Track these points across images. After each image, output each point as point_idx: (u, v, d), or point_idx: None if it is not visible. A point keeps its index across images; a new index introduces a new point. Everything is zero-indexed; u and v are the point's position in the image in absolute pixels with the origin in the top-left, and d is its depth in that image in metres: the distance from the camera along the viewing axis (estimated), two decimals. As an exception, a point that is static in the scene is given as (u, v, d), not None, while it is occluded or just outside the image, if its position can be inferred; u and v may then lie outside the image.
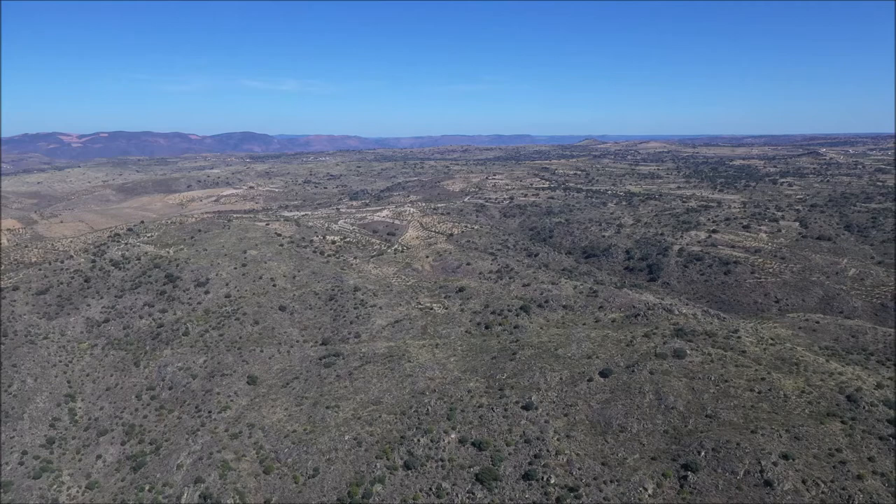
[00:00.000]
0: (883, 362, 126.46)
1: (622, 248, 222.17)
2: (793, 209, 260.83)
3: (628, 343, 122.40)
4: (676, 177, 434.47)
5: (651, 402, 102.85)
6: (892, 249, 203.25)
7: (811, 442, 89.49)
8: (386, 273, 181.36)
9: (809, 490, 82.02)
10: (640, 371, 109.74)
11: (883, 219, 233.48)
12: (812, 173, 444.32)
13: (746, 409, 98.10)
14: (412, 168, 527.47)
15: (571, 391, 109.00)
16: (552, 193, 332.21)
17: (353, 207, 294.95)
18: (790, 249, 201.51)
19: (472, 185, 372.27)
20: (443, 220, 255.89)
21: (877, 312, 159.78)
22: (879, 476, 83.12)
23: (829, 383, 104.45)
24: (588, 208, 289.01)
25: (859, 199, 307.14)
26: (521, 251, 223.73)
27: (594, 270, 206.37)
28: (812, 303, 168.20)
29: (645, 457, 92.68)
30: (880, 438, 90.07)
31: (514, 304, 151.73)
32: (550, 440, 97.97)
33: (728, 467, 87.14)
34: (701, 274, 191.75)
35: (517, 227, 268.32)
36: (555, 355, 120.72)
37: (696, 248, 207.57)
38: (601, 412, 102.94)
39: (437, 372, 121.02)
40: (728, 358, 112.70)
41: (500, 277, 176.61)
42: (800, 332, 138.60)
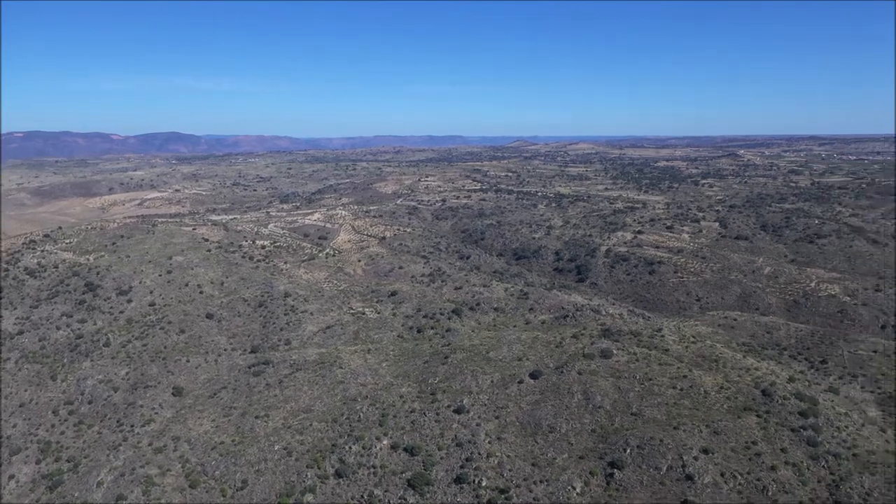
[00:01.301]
0: (795, 356, 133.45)
1: (552, 249, 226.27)
2: (713, 210, 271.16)
3: (557, 344, 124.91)
4: (604, 178, 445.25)
5: (579, 402, 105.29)
6: (804, 248, 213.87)
7: (729, 436, 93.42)
8: (317, 278, 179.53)
9: (728, 482, 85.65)
10: (569, 372, 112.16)
11: (796, 218, 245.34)
12: (731, 174, 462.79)
13: (669, 406, 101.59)
14: (344, 170, 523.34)
15: (503, 393, 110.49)
16: (484, 195, 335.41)
17: (284, 210, 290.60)
18: (710, 249, 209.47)
19: (404, 186, 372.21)
20: (375, 223, 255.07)
21: (789, 309, 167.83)
22: (791, 466, 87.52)
23: (746, 379, 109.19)
24: (519, 210, 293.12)
25: (774, 199, 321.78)
26: (454, 254, 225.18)
27: (525, 272, 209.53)
28: (731, 300, 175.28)
29: (573, 456, 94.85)
30: (792, 430, 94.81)
31: (446, 308, 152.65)
32: (482, 443, 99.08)
33: (652, 463, 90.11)
34: (627, 274, 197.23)
35: (449, 229, 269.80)
36: (486, 358, 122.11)
37: (623, 248, 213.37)
38: (531, 413, 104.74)
39: (370, 378, 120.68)
40: (652, 357, 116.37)
41: (432, 281, 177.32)
42: (719, 329, 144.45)
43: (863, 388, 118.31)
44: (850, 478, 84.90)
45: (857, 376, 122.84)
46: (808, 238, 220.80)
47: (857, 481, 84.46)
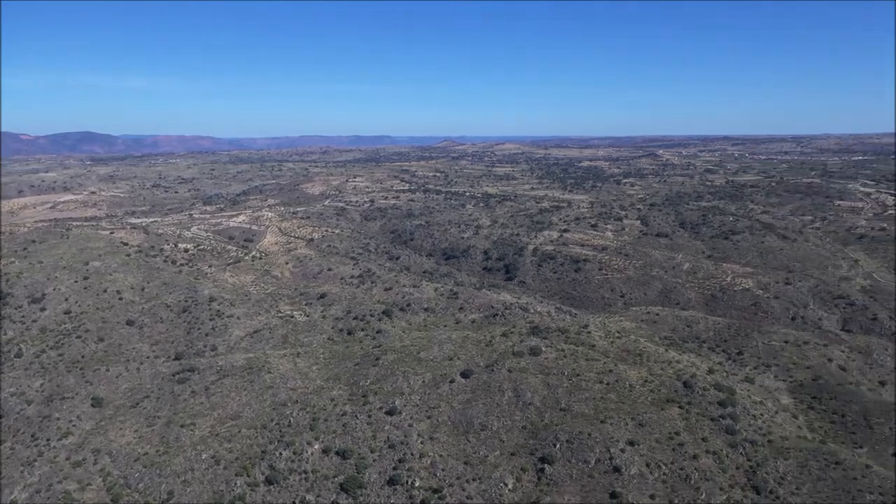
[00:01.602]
0: (713, 349, 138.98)
1: (481, 248, 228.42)
2: (635, 208, 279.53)
3: (488, 343, 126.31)
4: (530, 178, 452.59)
5: (510, 399, 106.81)
6: (720, 244, 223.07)
7: (654, 427, 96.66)
8: (244, 281, 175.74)
9: (653, 472, 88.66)
10: (500, 370, 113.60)
11: (712, 216, 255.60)
12: (651, 174, 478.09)
13: (597, 401, 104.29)
14: (270, 170, 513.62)
15: (434, 393, 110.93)
16: (412, 195, 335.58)
17: (208, 213, 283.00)
18: (633, 246, 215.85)
19: (332, 187, 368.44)
20: (303, 225, 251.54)
21: (707, 303, 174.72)
22: (712, 454, 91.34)
23: (669, 371, 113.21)
24: (447, 210, 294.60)
25: (692, 197, 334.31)
26: (383, 254, 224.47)
27: (454, 272, 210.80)
28: (653, 296, 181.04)
29: (505, 453, 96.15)
30: (712, 420, 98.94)
31: (376, 309, 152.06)
32: (414, 443, 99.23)
33: (581, 457, 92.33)
34: (554, 272, 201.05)
35: (378, 230, 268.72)
36: (417, 358, 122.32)
37: (550, 247, 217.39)
38: (463, 412, 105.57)
39: (299, 382, 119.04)
40: (580, 353, 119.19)
41: (362, 282, 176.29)
42: (642, 324, 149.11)
43: (776, 377, 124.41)
44: (766, 463, 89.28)
45: (770, 366, 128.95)
46: (723, 235, 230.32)
47: (773, 466, 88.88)
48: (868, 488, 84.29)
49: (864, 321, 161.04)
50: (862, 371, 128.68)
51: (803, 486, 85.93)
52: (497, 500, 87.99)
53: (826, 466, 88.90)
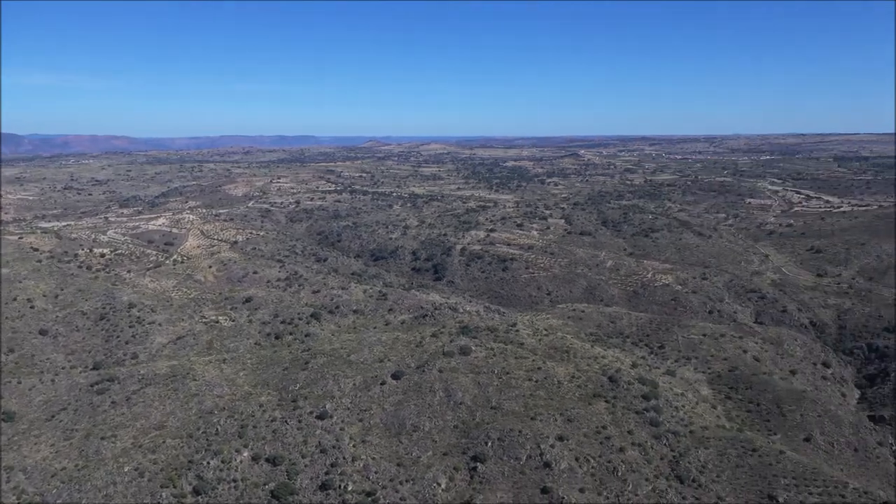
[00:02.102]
0: (637, 343, 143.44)
1: (409, 249, 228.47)
2: (559, 207, 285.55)
3: (418, 344, 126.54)
4: (456, 178, 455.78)
5: (441, 399, 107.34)
6: (641, 242, 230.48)
7: (582, 422, 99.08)
8: (165, 286, 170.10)
9: (582, 466, 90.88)
10: (430, 370, 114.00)
11: (632, 214, 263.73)
12: (574, 173, 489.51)
13: (526, 398, 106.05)
14: (190, 171, 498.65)
15: (365, 396, 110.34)
16: (339, 196, 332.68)
17: (125, 216, 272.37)
18: (558, 245, 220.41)
19: (256, 188, 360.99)
20: (226, 227, 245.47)
21: (630, 299, 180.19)
22: (637, 447, 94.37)
23: (595, 367, 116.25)
24: (375, 211, 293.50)
25: (613, 196, 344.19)
26: (310, 257, 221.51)
27: (383, 273, 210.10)
28: (578, 293, 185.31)
29: (437, 453, 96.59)
30: (637, 413, 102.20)
31: (304, 312, 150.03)
32: (346, 447, 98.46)
33: (512, 454, 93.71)
34: (482, 271, 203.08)
35: (305, 231, 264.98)
36: (347, 361, 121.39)
37: (477, 246, 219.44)
38: (395, 414, 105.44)
39: (226, 388, 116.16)
40: (509, 351, 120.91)
41: (289, 285, 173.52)
42: (569, 321, 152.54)
43: (695, 369, 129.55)
44: (688, 453, 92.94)
45: (690, 358, 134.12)
46: (643, 232, 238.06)
47: (694, 456, 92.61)
48: (782, 473, 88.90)
49: (775, 313, 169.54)
50: (774, 361, 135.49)
51: (723, 474, 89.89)
52: (430, 501, 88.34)
53: (743, 454, 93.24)
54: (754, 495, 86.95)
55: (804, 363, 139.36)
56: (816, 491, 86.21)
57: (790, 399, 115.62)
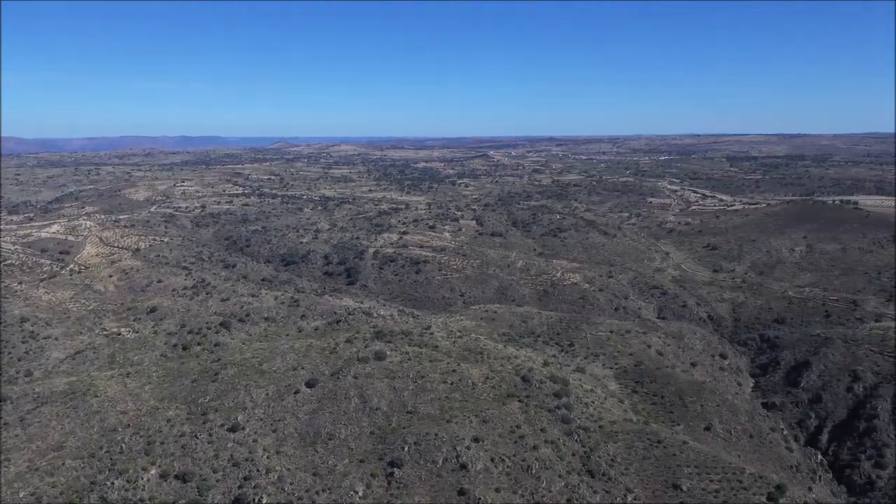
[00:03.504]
0: (547, 342, 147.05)
1: (321, 253, 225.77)
2: (470, 209, 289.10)
3: (332, 350, 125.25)
4: (368, 180, 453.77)
5: (357, 406, 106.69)
6: (550, 241, 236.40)
7: (496, 423, 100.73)
8: (61, 298, 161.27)
9: (497, 466, 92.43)
10: (345, 377, 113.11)
11: (541, 215, 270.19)
12: (484, 174, 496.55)
13: (442, 401, 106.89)
14: (86, 175, 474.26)
15: (279, 406, 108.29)
16: (247, 200, 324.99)
17: (14, 223, 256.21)
18: (470, 246, 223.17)
19: (158, 192, 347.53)
20: (127, 234, 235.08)
21: (540, 298, 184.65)
22: (550, 444, 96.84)
23: (508, 367, 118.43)
24: (285, 214, 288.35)
25: (522, 197, 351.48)
26: (218, 263, 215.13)
27: (295, 278, 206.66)
28: (490, 294, 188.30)
29: (354, 460, 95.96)
30: (549, 411, 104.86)
31: (213, 321, 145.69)
32: (260, 459, 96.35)
33: (429, 458, 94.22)
34: (395, 274, 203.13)
35: (211, 237, 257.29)
36: (260, 371, 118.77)
37: (390, 249, 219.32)
38: (310, 423, 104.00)
39: (131, 404, 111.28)
40: (424, 354, 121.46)
41: (196, 293, 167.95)
42: (482, 322, 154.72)
43: (603, 365, 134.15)
44: (599, 448, 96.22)
45: (598, 355, 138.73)
46: (552, 232, 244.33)
47: (604, 450, 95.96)
48: (685, 462, 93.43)
49: (676, 308, 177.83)
50: (676, 354, 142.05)
51: (631, 466, 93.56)
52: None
53: (650, 446, 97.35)
54: (660, 485, 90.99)
55: (703, 355, 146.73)
56: (717, 478, 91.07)
57: (691, 390, 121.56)
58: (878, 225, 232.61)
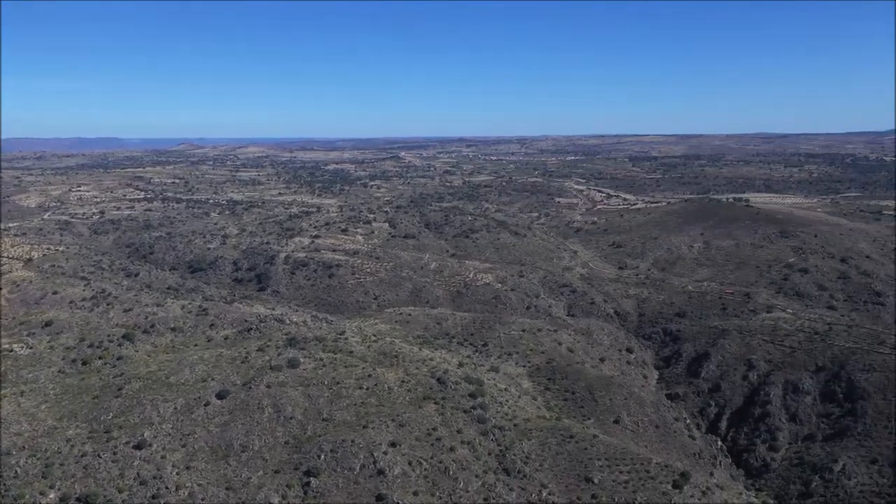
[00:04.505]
0: (462, 343, 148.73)
1: (229, 259, 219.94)
2: (382, 211, 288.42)
3: (243, 360, 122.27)
4: (277, 182, 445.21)
5: (270, 415, 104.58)
6: (462, 242, 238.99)
7: (413, 426, 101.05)
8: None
9: (415, 470, 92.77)
10: (258, 387, 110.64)
11: (453, 216, 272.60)
12: (395, 176, 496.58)
13: (358, 407, 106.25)
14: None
15: (188, 419, 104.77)
16: (149, 205, 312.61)
17: None
18: (383, 249, 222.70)
19: (52, 198, 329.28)
20: (17, 243, 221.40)
21: (454, 299, 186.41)
22: (467, 445, 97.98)
23: (423, 370, 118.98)
24: (190, 219, 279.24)
25: (434, 198, 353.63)
26: (119, 272, 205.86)
27: (202, 286, 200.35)
28: (404, 296, 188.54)
29: (269, 472, 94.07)
30: (464, 411, 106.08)
31: (115, 334, 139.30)
32: (169, 476, 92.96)
33: (346, 465, 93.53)
34: (307, 279, 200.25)
35: (112, 244, 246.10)
36: (167, 384, 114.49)
37: (302, 254, 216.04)
38: (221, 435, 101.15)
39: (26, 425, 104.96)
40: (338, 360, 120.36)
41: (96, 304, 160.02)
42: (396, 325, 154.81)
43: (517, 363, 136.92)
44: (514, 446, 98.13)
45: (511, 354, 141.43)
46: (464, 233, 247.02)
47: (519, 448, 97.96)
48: (596, 456, 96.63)
49: (585, 305, 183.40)
50: (585, 350, 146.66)
51: (545, 462, 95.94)
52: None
53: (562, 441, 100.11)
54: (573, 479, 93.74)
55: (611, 350, 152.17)
56: (626, 469, 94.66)
57: (600, 385, 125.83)
58: (768, 221, 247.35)
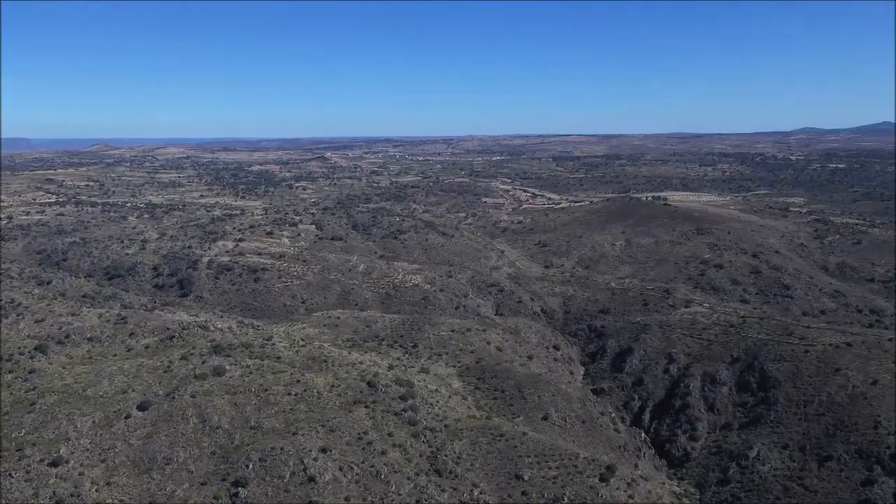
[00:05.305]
0: (392, 345, 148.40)
1: (149, 265, 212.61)
2: (309, 213, 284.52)
3: (166, 369, 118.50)
4: (199, 184, 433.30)
5: (196, 426, 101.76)
6: (390, 244, 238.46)
7: (344, 431, 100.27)
8: None
9: (346, 475, 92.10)
10: (182, 396, 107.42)
11: (381, 217, 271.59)
12: (322, 177, 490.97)
13: (287, 413, 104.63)
14: None
15: (108, 433, 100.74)
16: (62, 209, 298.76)
17: None
18: (310, 252, 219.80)
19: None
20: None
21: (383, 301, 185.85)
22: (398, 448, 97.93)
23: (353, 373, 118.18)
24: (107, 224, 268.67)
25: (361, 199, 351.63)
26: (30, 280, 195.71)
27: (121, 293, 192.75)
28: (332, 299, 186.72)
29: (195, 484, 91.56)
30: (395, 414, 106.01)
31: (26, 346, 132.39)
32: (88, 493, 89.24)
33: (275, 473, 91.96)
34: (232, 284, 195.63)
35: (21, 251, 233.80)
36: (84, 397, 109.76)
37: (226, 258, 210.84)
38: (144, 448, 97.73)
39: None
40: (266, 366, 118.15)
41: (4, 315, 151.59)
42: (325, 328, 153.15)
43: (447, 364, 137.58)
44: (445, 447, 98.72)
45: (441, 354, 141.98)
46: (392, 234, 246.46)
47: (450, 449, 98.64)
48: (526, 453, 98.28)
49: (512, 304, 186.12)
50: (514, 349, 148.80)
51: (476, 462, 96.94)
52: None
53: (493, 440, 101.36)
54: (504, 477, 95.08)
55: (539, 348, 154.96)
56: (554, 465, 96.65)
57: (529, 383, 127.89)
58: (685, 219, 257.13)
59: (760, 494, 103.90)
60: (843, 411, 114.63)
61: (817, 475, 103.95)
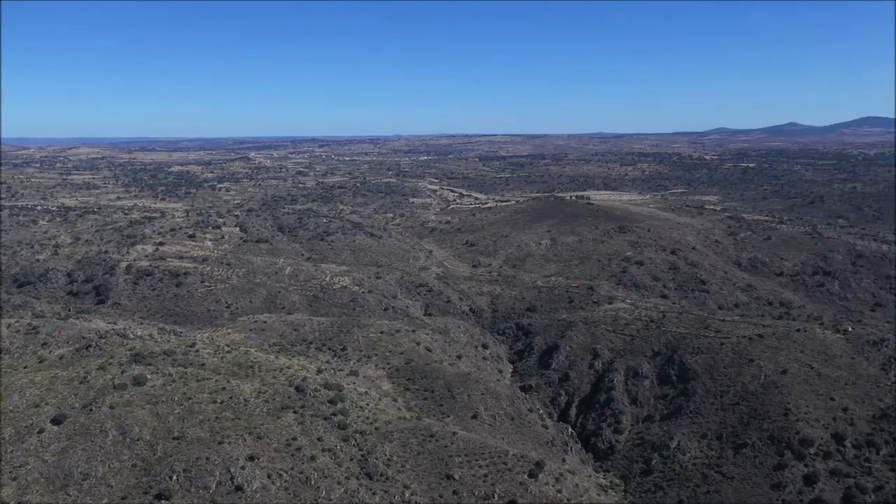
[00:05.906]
0: (320, 348, 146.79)
1: (63, 271, 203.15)
2: (232, 215, 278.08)
3: (82, 380, 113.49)
4: (115, 186, 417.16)
5: (115, 438, 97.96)
6: (318, 245, 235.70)
7: (272, 438, 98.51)
8: None
9: (275, 482, 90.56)
10: (100, 408, 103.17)
11: (307, 218, 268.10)
12: (245, 178, 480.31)
13: (212, 422, 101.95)
14: None
15: (19, 449, 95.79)
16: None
17: None
18: (234, 255, 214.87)
19: None
20: None
21: (311, 304, 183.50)
22: (328, 452, 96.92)
23: (281, 378, 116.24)
24: (15, 228, 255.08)
25: (287, 201, 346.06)
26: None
27: (32, 301, 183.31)
28: (258, 303, 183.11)
29: (115, 499, 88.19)
30: (325, 418, 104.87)
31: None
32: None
33: (201, 483, 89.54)
34: (153, 289, 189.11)
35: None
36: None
37: (145, 262, 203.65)
38: (59, 464, 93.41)
39: None
40: (189, 374, 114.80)
41: None
42: (251, 333, 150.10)
43: (376, 366, 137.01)
44: (375, 449, 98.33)
45: (370, 356, 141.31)
46: (319, 236, 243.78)
47: (381, 451, 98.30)
48: (456, 452, 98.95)
49: (441, 304, 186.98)
50: (443, 349, 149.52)
51: (407, 463, 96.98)
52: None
53: (423, 441, 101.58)
54: (434, 477, 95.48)
55: (468, 347, 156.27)
56: (484, 463, 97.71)
57: (458, 382, 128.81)
58: (607, 218, 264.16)
59: (681, 483, 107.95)
60: (757, 400, 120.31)
61: (733, 462, 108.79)
